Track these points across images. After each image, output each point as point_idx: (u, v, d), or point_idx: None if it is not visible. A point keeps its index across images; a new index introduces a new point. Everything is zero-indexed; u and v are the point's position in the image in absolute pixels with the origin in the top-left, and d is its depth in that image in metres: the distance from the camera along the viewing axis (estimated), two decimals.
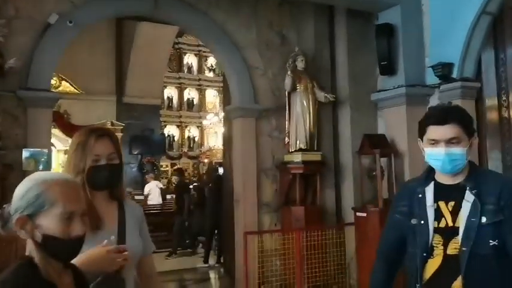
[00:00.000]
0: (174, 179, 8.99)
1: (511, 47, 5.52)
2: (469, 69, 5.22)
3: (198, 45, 17.32)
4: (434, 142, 1.90)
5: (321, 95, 5.98)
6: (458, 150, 1.87)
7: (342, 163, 6.20)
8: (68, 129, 13.71)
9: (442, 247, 1.86)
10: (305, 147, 5.90)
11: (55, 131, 13.79)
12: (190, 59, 17.56)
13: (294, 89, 5.97)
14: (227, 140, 6.78)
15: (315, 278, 5.57)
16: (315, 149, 5.98)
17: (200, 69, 17.74)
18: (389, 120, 5.71)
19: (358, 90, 6.13)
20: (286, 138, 6.09)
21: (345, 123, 6.17)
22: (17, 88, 5.06)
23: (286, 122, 6.08)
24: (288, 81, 5.89)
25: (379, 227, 5.13)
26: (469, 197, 1.87)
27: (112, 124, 14.11)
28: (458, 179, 1.94)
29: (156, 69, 14.45)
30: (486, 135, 5.26)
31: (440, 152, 1.89)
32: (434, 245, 1.88)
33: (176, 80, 17.18)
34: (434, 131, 1.90)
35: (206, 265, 7.67)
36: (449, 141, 1.88)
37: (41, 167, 5.17)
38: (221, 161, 9.24)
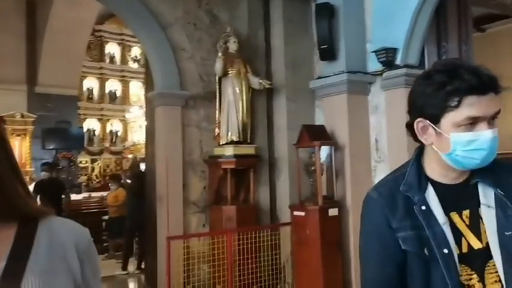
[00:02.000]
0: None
1: (453, 34, 5.19)
2: (413, 55, 4.78)
3: (121, 34, 16.04)
4: (473, 121, 1.19)
5: (255, 81, 5.30)
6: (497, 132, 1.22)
7: (277, 157, 5.56)
8: None
9: (478, 284, 1.18)
10: (237, 139, 5.19)
11: None
12: (112, 48, 16.21)
13: (225, 73, 5.24)
14: (150, 132, 5.90)
15: (247, 284, 4.88)
16: (248, 141, 5.29)
17: (124, 60, 16.44)
18: (329, 110, 5.15)
19: (295, 77, 5.53)
20: (217, 130, 5.35)
21: (281, 113, 5.53)
22: None
23: (217, 111, 5.34)
24: (218, 65, 5.15)
25: (318, 227, 4.57)
26: (488, 200, 1.23)
27: (22, 116, 12.54)
28: (465, 175, 1.29)
29: (73, 56, 13.00)
30: None
31: (486, 137, 1.19)
32: (465, 282, 1.18)
33: (97, 70, 15.76)
34: (476, 104, 1.17)
35: (125, 272, 6.71)
36: (492, 118, 1.20)
37: None
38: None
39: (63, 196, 7.22)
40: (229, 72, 5.23)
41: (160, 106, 5.39)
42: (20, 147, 12.56)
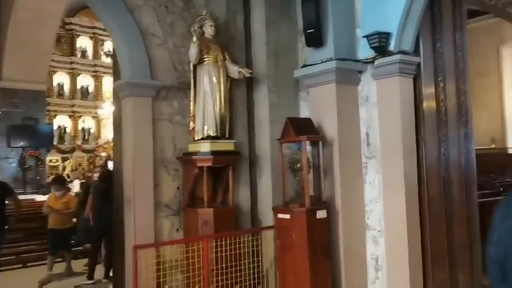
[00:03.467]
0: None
1: (448, 21, 4.72)
2: (408, 41, 4.28)
3: (93, 27, 15.22)
4: None
5: (234, 70, 4.71)
6: None
7: (258, 154, 4.99)
8: None
9: None
10: (214, 134, 4.60)
11: None
12: (84, 42, 15.37)
13: (200, 61, 4.64)
14: (117, 127, 5.23)
15: None
16: (227, 136, 4.70)
17: (96, 54, 15.63)
18: (316, 101, 4.60)
19: (278, 65, 4.97)
20: (191, 123, 4.74)
21: (263, 105, 4.96)
22: None
23: (191, 103, 4.73)
24: (193, 50, 4.54)
25: (306, 231, 4.02)
26: None
27: None
28: None
29: (41, 50, 12.15)
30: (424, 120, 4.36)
31: None
32: None
33: (68, 64, 14.92)
34: None
35: (91, 282, 6.02)
36: None
37: None
38: None
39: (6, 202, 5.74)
40: (205, 59, 4.63)
41: (128, 97, 4.74)
42: None
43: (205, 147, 4.49)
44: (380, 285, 4.23)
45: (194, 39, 4.52)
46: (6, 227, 5.54)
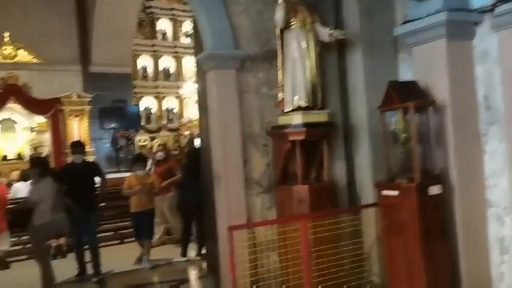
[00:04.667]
0: (159, 155, 6.89)
1: None
2: None
3: (172, 9, 15.21)
4: None
5: (325, 32, 4.16)
6: None
7: (354, 124, 4.43)
8: (30, 103, 11.69)
9: None
10: (306, 104, 4.12)
11: (15, 106, 11.78)
12: (164, 25, 15.43)
13: (287, 25, 4.14)
14: (202, 102, 4.94)
15: (325, 276, 3.87)
16: (319, 106, 4.20)
17: (176, 36, 15.64)
18: (422, 61, 3.91)
19: (373, 24, 4.33)
20: (280, 94, 4.30)
21: (357, 70, 4.37)
22: None
23: (279, 72, 4.27)
24: (279, 14, 4.06)
25: (417, 210, 3.45)
26: None
27: (79, 96, 12.12)
28: None
29: (124, 34, 12.34)
30: None
31: None
32: None
33: (150, 47, 15.06)
34: None
35: (184, 259, 5.92)
36: None
37: None
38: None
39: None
40: (293, 23, 4.13)
41: (212, 71, 4.41)
42: (79, 128, 12.20)
43: (297, 119, 4.03)
44: (507, 269, 3.56)
45: (280, 1, 4.02)
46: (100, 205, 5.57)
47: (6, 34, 11.30)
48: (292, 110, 4.14)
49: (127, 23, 12.15)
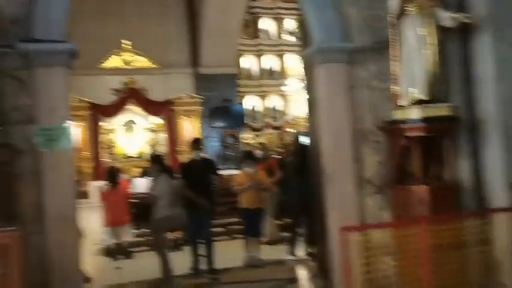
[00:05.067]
0: (258, 153, 6.89)
1: None
2: None
3: (275, 8, 15.26)
4: None
5: (446, 17, 3.75)
6: None
7: (481, 118, 3.92)
8: (147, 105, 12.57)
9: None
10: (424, 97, 3.75)
11: (135, 108, 12.76)
12: (266, 24, 15.55)
13: (402, 11, 3.81)
14: (310, 98, 4.80)
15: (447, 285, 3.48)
16: (440, 99, 3.80)
17: (278, 34, 15.68)
18: None
19: (504, 5, 3.79)
20: (394, 87, 3.97)
21: (485, 57, 3.86)
22: (18, 41, 3.51)
23: (393, 64, 3.95)
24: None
25: None
26: None
27: (190, 97, 12.75)
28: None
29: (230, 35, 12.68)
30: None
31: None
32: None
33: (253, 47, 15.28)
34: None
35: (293, 257, 5.83)
36: None
37: (61, 146, 3.64)
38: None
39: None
40: (409, 8, 3.78)
41: (321, 65, 4.24)
42: (191, 128, 12.81)
43: (415, 113, 3.69)
44: None
45: None
46: (214, 201, 5.67)
47: (128, 42, 12.28)
48: (410, 104, 3.80)
49: (233, 24, 12.47)
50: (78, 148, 10.60)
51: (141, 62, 12.62)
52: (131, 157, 12.94)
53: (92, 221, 6.52)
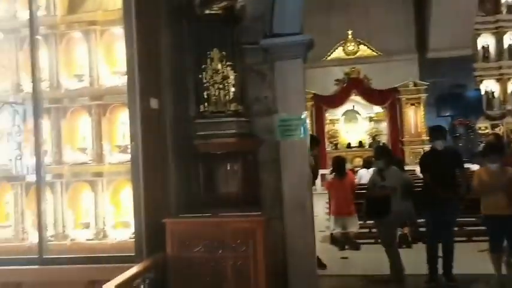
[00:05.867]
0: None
1: None
2: None
3: None
4: None
5: None
6: None
7: None
8: (370, 95, 12.30)
9: None
10: None
11: (356, 98, 12.67)
12: None
13: None
14: None
15: None
16: None
17: None
18: None
19: None
20: None
21: None
22: (260, 37, 3.70)
23: None
24: None
25: None
26: None
27: (415, 85, 11.89)
28: None
29: (465, 13, 11.23)
30: None
31: None
32: None
33: (492, 24, 13.21)
34: None
35: None
36: None
37: (298, 136, 3.71)
38: None
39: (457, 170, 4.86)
40: None
41: None
42: (415, 117, 11.98)
43: None
44: None
45: None
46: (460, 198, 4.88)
47: (350, 32, 12.22)
48: None
49: (468, 1, 11.00)
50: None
51: (364, 51, 12.40)
52: (352, 147, 12.92)
53: (317, 208, 6.63)
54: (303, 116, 3.71)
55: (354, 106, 13.00)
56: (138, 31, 3.06)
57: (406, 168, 7.49)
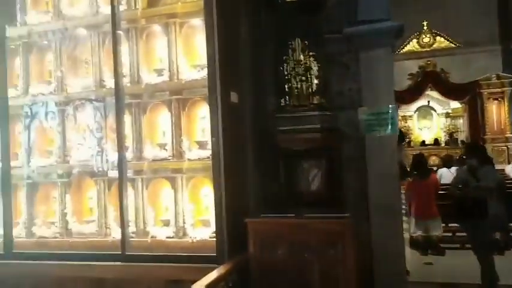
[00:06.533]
0: None
1: None
2: None
3: None
4: None
5: None
6: None
7: None
8: (447, 89, 11.48)
9: None
10: None
11: (432, 93, 11.90)
12: None
13: None
14: None
15: None
16: None
17: None
18: None
19: None
20: None
21: None
22: (344, 25, 3.41)
23: None
24: None
25: None
26: None
27: (498, 77, 10.91)
28: None
29: None
30: None
31: None
32: None
33: None
34: None
35: None
36: None
37: (386, 131, 3.39)
38: None
39: None
40: None
41: None
42: (498, 112, 11.01)
43: None
44: None
45: None
46: None
47: (425, 23, 11.48)
48: None
49: None
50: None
51: (441, 42, 11.59)
52: (427, 144, 12.15)
53: None
54: (391, 110, 3.38)
55: (429, 102, 12.21)
56: (218, 22, 2.92)
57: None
